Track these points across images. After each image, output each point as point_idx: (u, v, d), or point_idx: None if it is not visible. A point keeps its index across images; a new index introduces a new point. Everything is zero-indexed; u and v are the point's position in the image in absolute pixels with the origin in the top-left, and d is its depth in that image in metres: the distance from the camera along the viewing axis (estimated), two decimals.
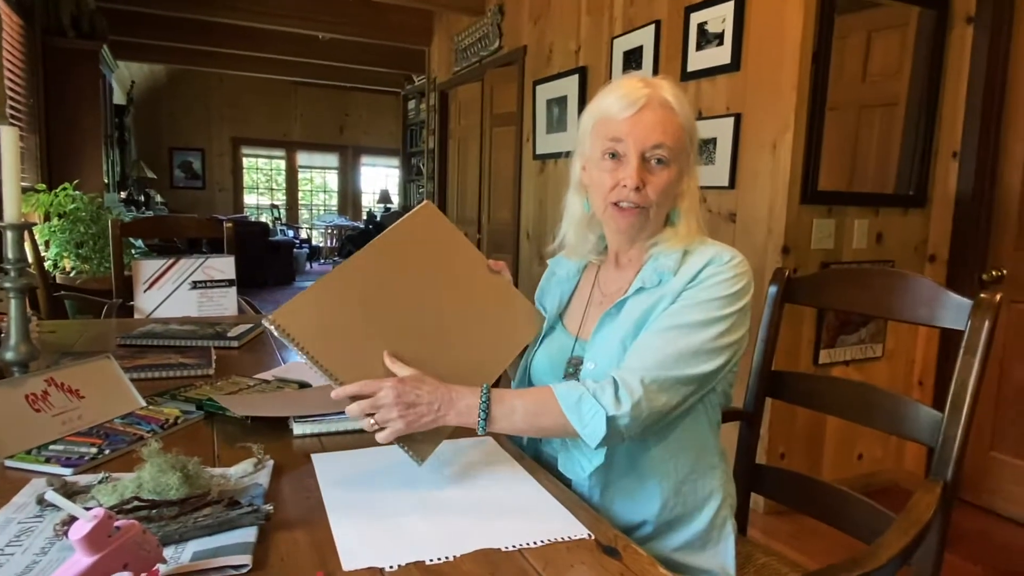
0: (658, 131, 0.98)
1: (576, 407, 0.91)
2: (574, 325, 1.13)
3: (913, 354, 2.69)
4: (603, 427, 0.89)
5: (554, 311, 1.16)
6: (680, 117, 1.00)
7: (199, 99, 9.98)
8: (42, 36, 4.28)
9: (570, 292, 1.17)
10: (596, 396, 0.91)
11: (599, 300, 1.11)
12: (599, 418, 0.89)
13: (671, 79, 1.05)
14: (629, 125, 0.99)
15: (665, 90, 1.00)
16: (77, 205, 3.62)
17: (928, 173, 2.58)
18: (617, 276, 1.11)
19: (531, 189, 4.12)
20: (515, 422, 0.92)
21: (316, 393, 1.25)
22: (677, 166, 1.01)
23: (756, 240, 2.44)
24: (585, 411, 0.90)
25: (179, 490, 0.78)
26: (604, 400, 0.90)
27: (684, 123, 1.00)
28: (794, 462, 2.46)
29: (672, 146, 0.99)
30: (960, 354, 1.03)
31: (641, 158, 0.99)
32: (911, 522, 0.95)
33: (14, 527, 0.76)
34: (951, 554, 2.14)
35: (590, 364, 1.03)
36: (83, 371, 1.13)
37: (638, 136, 0.99)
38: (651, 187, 0.99)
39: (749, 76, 2.47)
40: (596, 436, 0.90)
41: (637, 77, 1.03)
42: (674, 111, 1.00)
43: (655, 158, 0.99)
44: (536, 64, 4.02)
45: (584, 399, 0.91)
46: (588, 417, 0.90)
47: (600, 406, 0.90)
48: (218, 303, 2.29)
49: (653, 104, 0.99)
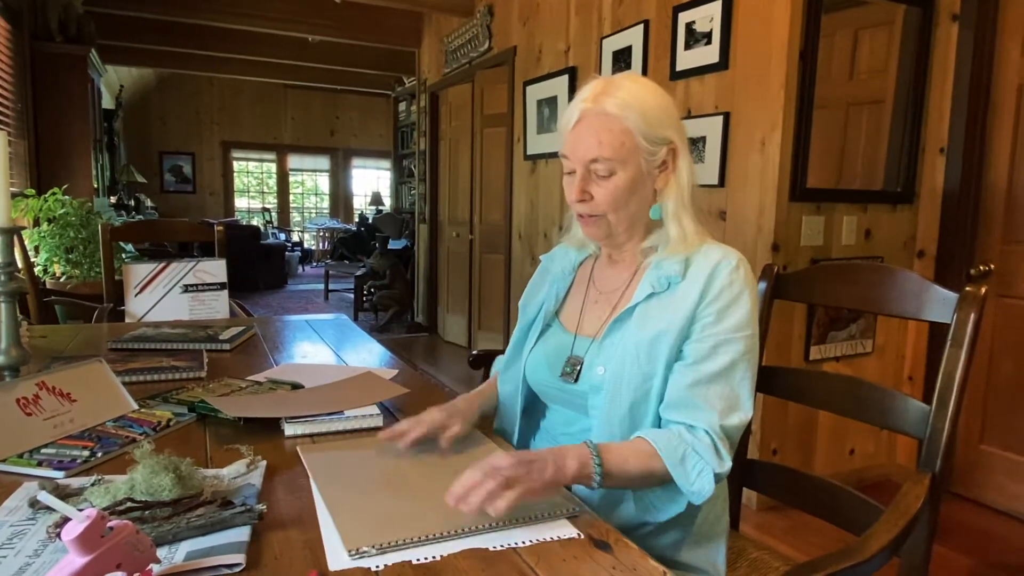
0: (593, 144, 0.99)
1: (681, 465, 0.91)
2: (571, 323, 1.12)
3: (903, 349, 2.71)
4: (711, 485, 0.91)
5: (551, 308, 1.15)
6: (625, 121, 0.98)
7: (188, 103, 9.95)
8: (30, 41, 4.26)
9: (566, 289, 1.17)
10: (697, 451, 0.91)
11: (595, 297, 1.12)
12: (706, 476, 0.91)
13: (632, 77, 1.04)
14: (571, 140, 1.02)
15: (610, 95, 0.99)
16: (67, 210, 3.60)
17: (915, 169, 2.60)
18: (613, 274, 1.11)
19: (522, 189, 4.13)
20: (628, 471, 0.90)
21: (308, 394, 1.25)
22: (627, 171, 1.00)
23: (746, 238, 2.45)
24: (691, 468, 0.91)
25: (172, 491, 0.78)
26: (707, 456, 0.91)
27: (633, 126, 0.98)
28: (786, 458, 2.48)
29: (611, 156, 0.98)
30: (947, 347, 1.04)
31: (585, 171, 1.01)
32: (900, 514, 0.96)
33: (6, 530, 0.75)
34: (942, 546, 2.16)
35: (599, 369, 1.02)
36: (74, 375, 1.12)
37: (577, 151, 1.01)
38: (599, 196, 1.01)
39: (737, 75, 2.49)
40: (703, 494, 0.91)
41: (595, 82, 1.03)
42: (614, 118, 0.98)
43: (595, 171, 1.01)
44: (526, 65, 4.03)
45: (688, 456, 0.91)
46: (695, 475, 0.91)
47: (705, 462, 0.91)
48: (210, 306, 2.28)
49: (588, 117, 1.00)
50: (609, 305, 1.08)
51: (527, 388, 1.15)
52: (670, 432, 0.93)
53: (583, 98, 1.01)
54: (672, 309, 0.98)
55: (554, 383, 1.09)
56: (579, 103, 1.02)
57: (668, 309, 0.99)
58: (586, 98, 1.01)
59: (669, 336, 0.97)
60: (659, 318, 0.99)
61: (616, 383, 0.98)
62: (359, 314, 6.36)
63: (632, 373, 0.98)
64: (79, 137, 4.67)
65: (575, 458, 0.86)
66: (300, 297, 7.91)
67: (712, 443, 0.92)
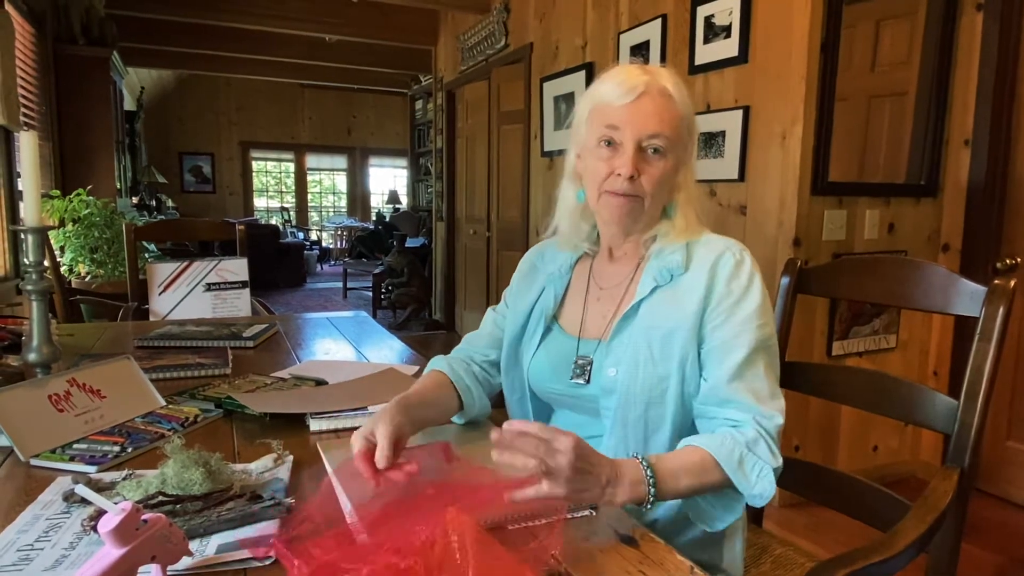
0: (655, 120, 0.95)
1: (739, 467, 0.87)
2: (572, 325, 1.07)
3: (927, 344, 2.67)
4: (773, 486, 0.87)
5: (549, 311, 1.09)
6: (679, 107, 0.97)
7: (208, 103, 10.06)
8: (53, 44, 4.32)
9: (563, 290, 1.11)
10: (753, 451, 0.88)
11: (597, 295, 1.07)
12: (767, 477, 0.87)
13: (671, 68, 1.01)
14: (627, 112, 0.96)
15: (664, 78, 0.97)
16: (91, 210, 3.66)
17: (940, 162, 2.56)
18: (613, 270, 1.07)
19: (540, 186, 4.13)
20: (679, 487, 0.85)
21: (332, 390, 1.27)
22: (674, 157, 0.98)
23: (767, 232, 2.43)
24: (750, 470, 0.87)
25: (202, 485, 0.79)
26: (764, 454, 0.88)
27: (683, 113, 0.97)
28: (809, 454, 2.46)
29: (670, 136, 0.96)
30: (975, 341, 1.03)
31: (637, 147, 0.96)
32: (928, 509, 0.95)
33: (42, 523, 0.77)
34: (968, 543, 2.13)
35: (611, 371, 0.98)
36: (104, 372, 1.14)
37: (636, 124, 0.95)
38: (646, 177, 0.96)
39: (757, 68, 2.46)
40: (766, 496, 0.88)
41: (636, 65, 1.00)
42: (673, 100, 0.97)
43: (652, 147, 0.96)
44: (542, 61, 4.02)
45: (746, 457, 0.87)
46: (755, 476, 0.87)
47: (764, 462, 0.88)
48: (232, 304, 2.31)
49: (652, 92, 0.96)
50: (613, 302, 1.04)
51: (533, 395, 1.11)
52: (722, 436, 0.89)
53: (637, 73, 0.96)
54: (679, 305, 0.96)
55: (562, 387, 1.05)
56: (639, 76, 0.96)
57: (675, 305, 0.96)
58: (640, 73, 0.97)
59: (680, 335, 0.94)
60: (667, 315, 0.96)
61: (629, 385, 0.95)
62: (377, 312, 6.40)
63: (647, 374, 0.95)
64: (102, 138, 4.74)
65: (628, 482, 0.79)
66: (319, 295, 7.98)
67: (761, 437, 0.89)
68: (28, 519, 0.78)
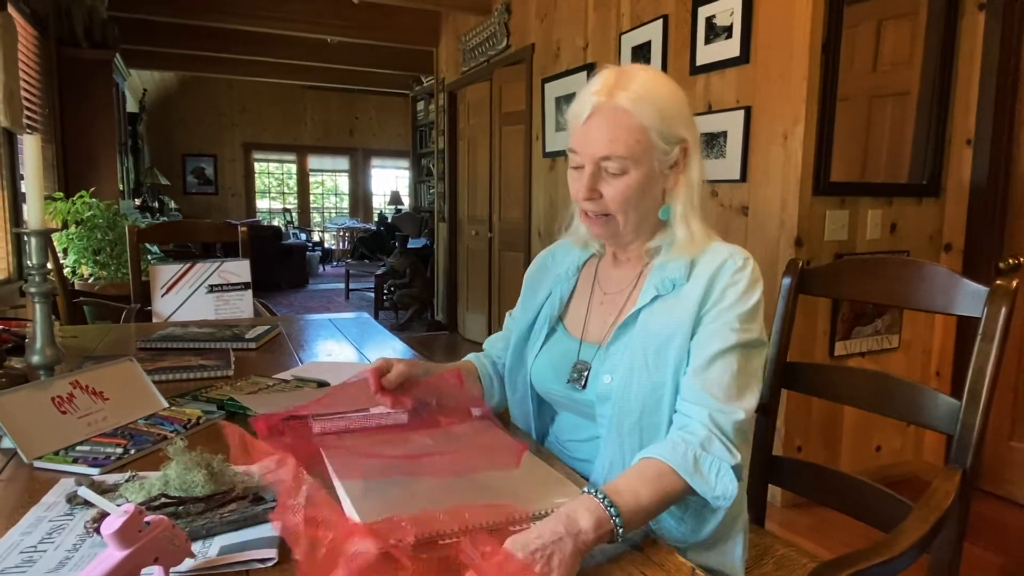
0: (605, 141, 0.94)
1: (696, 470, 0.84)
2: (576, 327, 1.09)
3: (930, 344, 2.67)
4: (734, 484, 0.84)
5: (555, 312, 1.11)
6: (640, 119, 0.93)
7: (210, 105, 10.08)
8: (56, 47, 4.34)
9: (569, 292, 1.13)
10: (706, 449, 0.85)
11: (600, 299, 1.08)
12: (726, 474, 0.84)
13: (645, 73, 0.97)
14: (581, 135, 0.97)
15: (622, 91, 0.94)
16: (94, 212, 3.67)
17: (942, 162, 2.56)
18: (618, 275, 1.08)
19: (541, 187, 4.13)
20: (643, 506, 0.79)
21: (334, 391, 1.27)
22: (639, 170, 0.95)
23: (769, 233, 2.43)
24: (707, 470, 0.84)
25: (205, 487, 0.79)
26: (717, 451, 0.85)
27: (647, 123, 0.94)
28: (811, 455, 2.46)
29: (624, 154, 0.94)
30: (977, 341, 1.03)
31: (596, 168, 0.96)
32: (930, 510, 0.95)
33: (45, 525, 0.77)
34: (971, 544, 2.13)
35: (606, 377, 0.98)
36: (107, 374, 1.15)
37: (588, 146, 0.96)
38: (609, 196, 0.97)
39: (758, 68, 2.46)
40: (729, 496, 0.84)
41: (606, 73, 0.97)
42: (628, 114, 0.93)
43: (607, 168, 0.96)
44: (544, 62, 4.03)
45: (701, 458, 0.84)
46: (713, 476, 0.84)
47: (719, 459, 0.85)
48: (234, 306, 2.31)
49: (603, 111, 0.94)
50: (615, 308, 1.05)
51: (535, 394, 1.12)
52: (672, 441, 0.87)
53: (595, 90, 0.96)
54: (677, 312, 0.95)
55: (561, 390, 1.06)
56: (591, 95, 0.96)
57: (673, 312, 0.96)
58: (599, 90, 0.95)
59: (675, 342, 0.94)
60: (664, 323, 0.95)
61: (624, 393, 0.95)
62: (380, 312, 6.40)
63: (641, 382, 0.94)
64: (105, 140, 4.75)
65: (588, 517, 0.72)
66: (321, 296, 7.98)
67: (714, 436, 0.86)
68: (31, 521, 0.78)
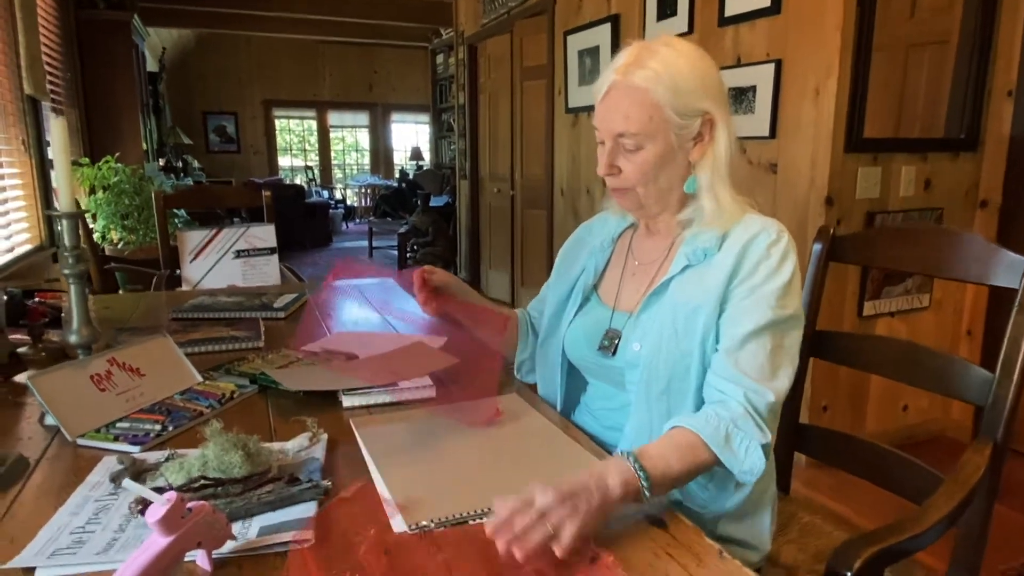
0: (620, 117, 0.97)
1: (727, 444, 0.86)
2: (610, 296, 1.12)
3: (961, 304, 2.62)
4: (762, 461, 0.86)
5: (589, 281, 1.15)
6: (653, 95, 0.95)
7: (229, 62, 10.01)
8: (75, 10, 4.32)
9: (604, 262, 1.16)
10: (739, 426, 0.87)
11: (633, 269, 1.11)
12: (755, 452, 0.86)
13: (667, 44, 0.98)
14: (600, 112, 1.01)
15: (641, 67, 0.95)
16: (120, 178, 3.70)
17: (981, 114, 2.47)
18: (651, 245, 1.10)
19: (564, 143, 4.07)
20: (673, 471, 0.82)
21: (362, 365, 1.29)
22: (656, 145, 0.97)
23: (798, 191, 2.38)
24: (737, 446, 0.86)
25: (242, 468, 0.81)
26: (748, 428, 0.87)
27: (661, 99, 0.95)
28: (837, 415, 2.45)
29: (637, 131, 0.96)
30: (1013, 313, 1.00)
31: (615, 143, 1.00)
32: (959, 485, 0.95)
33: (91, 505, 0.81)
34: (1001, 505, 2.13)
35: (635, 345, 1.01)
36: (142, 350, 1.18)
37: (606, 122, 1.00)
38: (629, 170, 1.00)
39: (790, 19, 2.37)
40: (756, 472, 0.87)
41: (629, 49, 0.99)
42: (642, 91, 0.95)
43: (623, 145, 0.99)
44: (566, 13, 3.92)
45: (732, 433, 0.86)
46: (743, 452, 0.86)
47: (749, 436, 0.87)
48: (261, 271, 2.34)
49: (618, 88, 0.97)
50: (647, 277, 1.07)
51: (567, 362, 1.15)
52: (706, 414, 0.88)
53: (615, 67, 0.99)
54: (707, 282, 0.96)
55: (592, 357, 1.08)
56: (610, 73, 0.99)
57: (703, 282, 0.97)
58: (617, 68, 0.98)
59: (704, 311, 0.95)
60: (694, 293, 0.97)
61: (653, 360, 0.97)
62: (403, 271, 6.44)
63: (669, 350, 0.96)
64: (127, 102, 4.77)
65: (617, 475, 0.76)
66: (346, 255, 8.04)
67: (748, 413, 0.88)
68: (78, 501, 0.82)
